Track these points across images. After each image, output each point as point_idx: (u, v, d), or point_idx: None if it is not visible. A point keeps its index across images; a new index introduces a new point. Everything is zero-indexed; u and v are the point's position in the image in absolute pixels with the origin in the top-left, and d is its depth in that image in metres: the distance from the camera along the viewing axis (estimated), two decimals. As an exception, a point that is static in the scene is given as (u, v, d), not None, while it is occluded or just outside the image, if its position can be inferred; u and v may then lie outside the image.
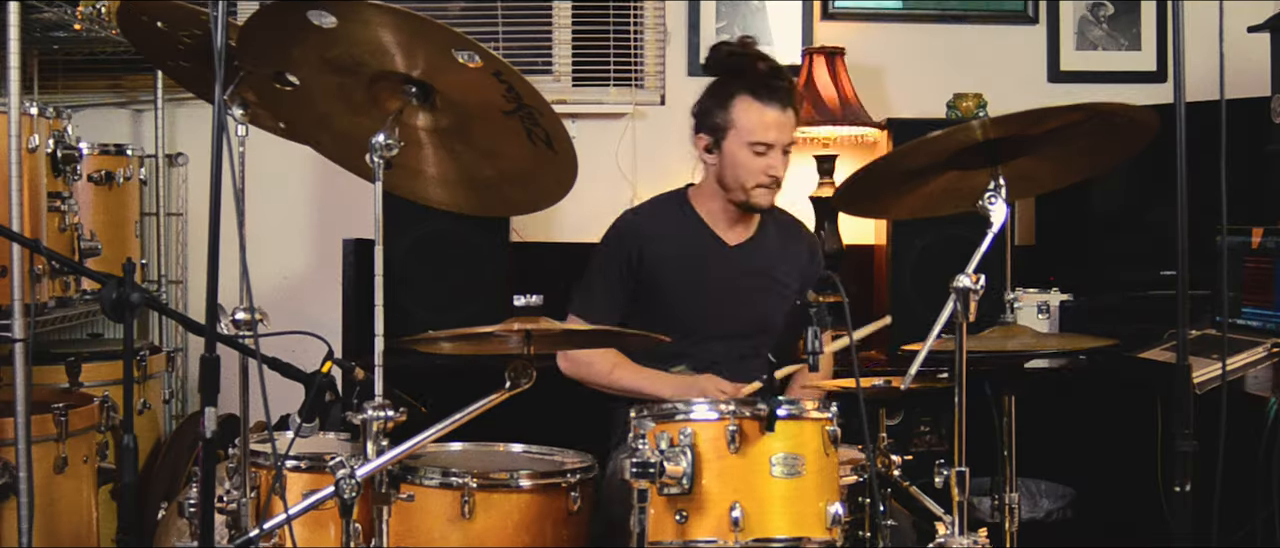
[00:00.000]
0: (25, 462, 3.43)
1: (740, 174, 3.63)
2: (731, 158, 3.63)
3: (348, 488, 2.55)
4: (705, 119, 3.69)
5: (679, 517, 2.69)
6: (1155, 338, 4.06)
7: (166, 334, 5.13)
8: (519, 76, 2.54)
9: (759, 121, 3.58)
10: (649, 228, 3.74)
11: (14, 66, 3.51)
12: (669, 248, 3.71)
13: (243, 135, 2.83)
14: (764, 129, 3.58)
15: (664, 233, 3.73)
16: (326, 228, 5.15)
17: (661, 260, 3.69)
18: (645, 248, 3.69)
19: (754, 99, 3.59)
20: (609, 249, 3.74)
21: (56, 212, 3.85)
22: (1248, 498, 3.43)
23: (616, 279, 3.69)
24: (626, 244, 3.71)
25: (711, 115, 3.66)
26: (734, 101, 3.61)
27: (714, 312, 3.69)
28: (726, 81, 3.66)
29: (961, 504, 2.78)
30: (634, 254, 3.68)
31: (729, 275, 3.73)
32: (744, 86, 3.61)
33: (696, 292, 3.69)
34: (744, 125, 3.60)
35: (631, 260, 3.68)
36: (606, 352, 3.65)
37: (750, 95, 3.60)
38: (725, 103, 3.63)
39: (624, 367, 3.64)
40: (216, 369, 2.31)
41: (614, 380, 3.64)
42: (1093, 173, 3.24)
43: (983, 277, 2.71)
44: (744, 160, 3.61)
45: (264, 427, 2.97)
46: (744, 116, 3.60)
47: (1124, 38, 5.35)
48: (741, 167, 3.62)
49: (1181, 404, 2.65)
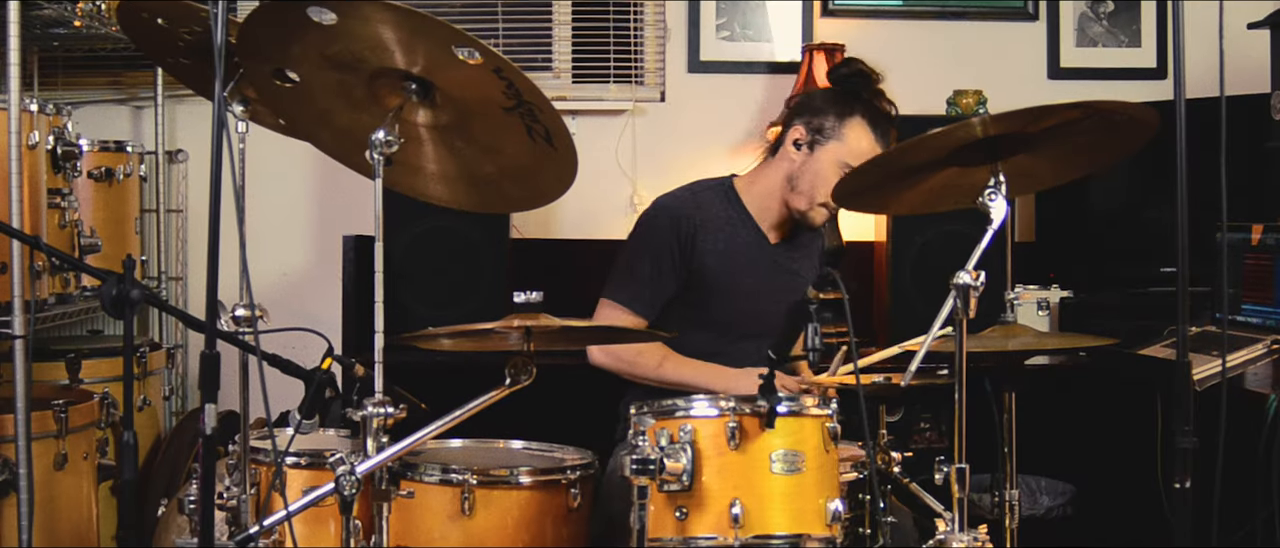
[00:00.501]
0: (25, 458, 3.43)
1: (818, 186, 3.57)
2: (820, 167, 3.57)
3: (348, 485, 2.55)
4: (814, 116, 3.61)
5: (679, 514, 2.69)
6: (1155, 335, 4.06)
7: (166, 331, 5.13)
8: (519, 73, 2.54)
9: (863, 150, 3.53)
10: (702, 216, 3.63)
11: (14, 63, 3.51)
12: (719, 240, 3.62)
13: (243, 132, 2.83)
14: (862, 157, 3.46)
15: (716, 223, 3.64)
16: (326, 224, 5.16)
17: (710, 252, 3.60)
18: (698, 236, 3.59)
19: (871, 128, 3.57)
20: (659, 235, 3.61)
21: (56, 208, 3.85)
22: (1248, 495, 3.43)
23: (669, 268, 3.57)
24: (682, 230, 3.59)
25: (823, 115, 3.60)
26: (853, 118, 3.58)
27: (753, 310, 3.62)
28: (851, 97, 3.61)
29: (962, 501, 2.77)
30: (687, 242, 3.58)
31: (769, 274, 3.68)
32: (866, 112, 3.59)
33: (739, 288, 3.63)
34: (851, 145, 3.56)
35: (685, 248, 3.58)
36: (653, 347, 3.57)
37: (869, 123, 3.58)
38: (843, 115, 3.58)
39: (673, 359, 3.56)
40: (216, 366, 2.30)
41: (662, 374, 3.56)
42: (1092, 170, 3.24)
43: (983, 273, 2.71)
44: (830, 176, 3.50)
45: (264, 423, 2.98)
46: (855, 138, 3.56)
47: (1124, 34, 5.35)
48: (825, 181, 3.53)
49: (1181, 401, 2.65)
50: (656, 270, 3.58)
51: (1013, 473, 3.20)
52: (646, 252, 3.61)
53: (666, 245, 3.59)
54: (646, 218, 3.67)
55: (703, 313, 3.59)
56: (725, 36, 5.26)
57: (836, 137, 3.58)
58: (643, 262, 3.60)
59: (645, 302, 3.57)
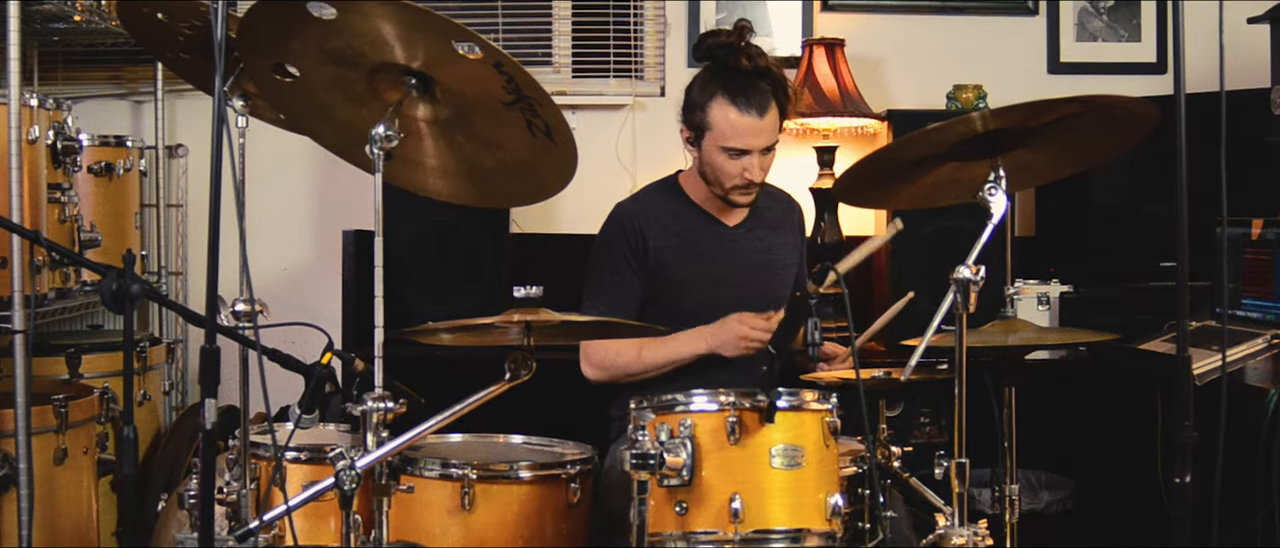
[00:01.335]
0: (25, 453, 3.44)
1: (718, 174, 3.60)
2: (709, 157, 3.60)
3: (348, 479, 2.55)
4: (688, 113, 3.64)
5: (679, 508, 2.69)
6: (1155, 330, 4.06)
7: (166, 326, 5.13)
8: (519, 68, 2.54)
9: (733, 128, 3.52)
10: (647, 216, 3.68)
11: (14, 58, 3.51)
12: (670, 235, 3.67)
13: (242, 127, 2.83)
14: (737, 135, 3.52)
15: (663, 220, 3.69)
16: (326, 219, 5.16)
17: (664, 248, 3.65)
18: (647, 235, 3.64)
19: (731, 104, 3.52)
20: (612, 243, 3.67)
21: (56, 203, 3.85)
22: (1248, 490, 3.43)
23: (628, 271, 3.63)
24: (629, 234, 3.65)
25: (693, 110, 3.61)
26: (712, 102, 3.55)
27: (721, 295, 3.64)
28: (711, 77, 3.59)
29: (961, 496, 2.78)
30: (638, 243, 3.63)
31: (731, 257, 3.71)
32: (722, 88, 3.54)
33: (702, 276, 3.67)
34: (719, 129, 3.54)
35: (638, 250, 3.63)
36: (626, 342, 3.61)
37: (727, 99, 3.52)
38: (704, 102, 3.57)
39: (650, 346, 3.59)
40: (216, 361, 2.30)
41: (646, 362, 3.58)
42: (1092, 165, 3.24)
43: (983, 268, 2.71)
44: (720, 163, 3.57)
45: (264, 418, 2.98)
46: (720, 120, 3.54)
47: (1124, 29, 5.34)
48: (718, 168, 3.59)
49: (1182, 396, 2.65)
50: (617, 277, 3.64)
51: (1012, 468, 3.20)
52: (604, 262, 3.68)
53: (620, 251, 3.65)
54: (605, 225, 3.74)
55: (673, 306, 3.62)
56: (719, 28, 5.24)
57: (706, 125, 3.57)
58: (603, 272, 3.67)
59: (621, 304, 3.61)
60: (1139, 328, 4.07)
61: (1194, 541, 2.68)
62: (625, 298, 3.62)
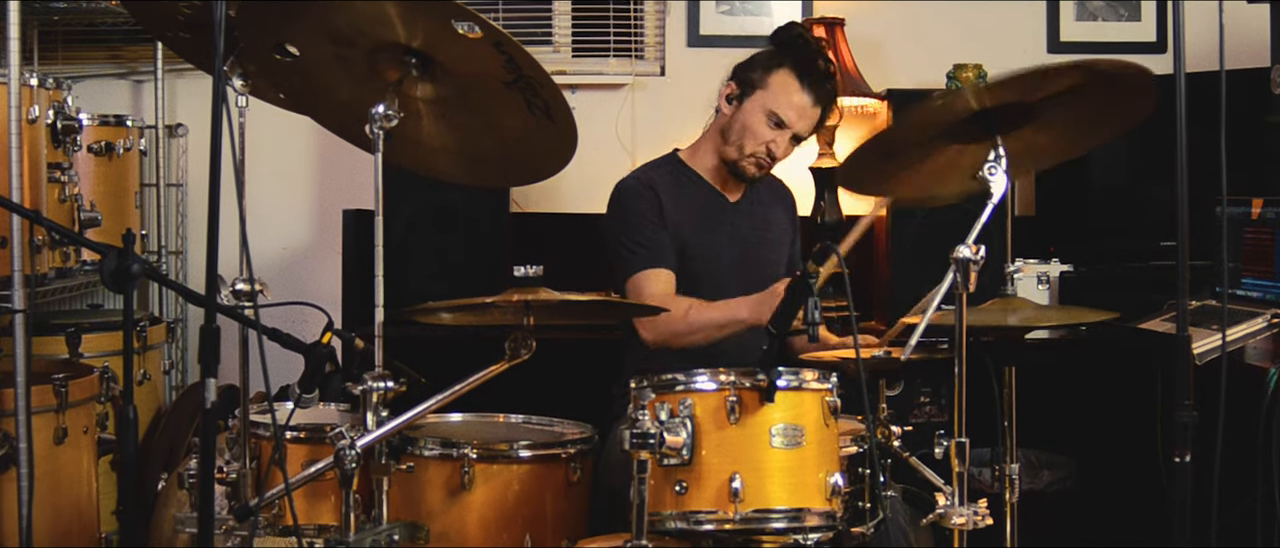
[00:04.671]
0: (25, 433, 3.44)
1: (746, 136, 3.67)
2: (746, 117, 3.67)
3: (348, 459, 2.56)
4: (744, 71, 3.72)
5: (678, 488, 2.69)
6: (1155, 309, 4.06)
7: (166, 305, 5.13)
8: (519, 47, 2.54)
9: (788, 98, 3.64)
10: (658, 185, 3.72)
11: (14, 37, 3.50)
12: (681, 205, 3.71)
13: (242, 106, 2.82)
14: (789, 107, 3.64)
15: (671, 191, 3.73)
16: (326, 199, 5.16)
17: (680, 220, 3.69)
18: (662, 201, 3.68)
19: (796, 79, 3.64)
20: (634, 205, 3.69)
21: (56, 183, 3.85)
22: (1247, 469, 3.43)
23: (659, 224, 3.65)
24: (647, 197, 3.69)
25: (751, 69, 3.70)
26: (779, 69, 3.66)
27: (730, 266, 3.71)
28: (784, 53, 3.69)
29: (961, 475, 2.78)
30: (657, 204, 3.67)
31: (738, 230, 3.78)
32: (794, 64, 3.65)
33: (713, 247, 3.72)
34: (774, 93, 3.65)
35: (660, 210, 3.67)
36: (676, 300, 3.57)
37: (795, 74, 3.65)
38: (769, 67, 3.67)
39: (696, 305, 3.55)
40: (216, 340, 2.30)
41: (692, 321, 3.51)
42: (1093, 145, 3.23)
43: (983, 247, 2.71)
44: (755, 126, 3.66)
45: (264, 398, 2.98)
46: (779, 86, 3.65)
47: (1124, 8, 5.33)
48: (750, 130, 3.66)
49: (1181, 375, 2.65)
50: (653, 231, 3.65)
51: (1012, 447, 3.20)
52: (635, 218, 3.67)
53: (646, 209, 3.68)
54: (616, 196, 3.75)
55: (686, 276, 3.64)
56: (725, 10, 5.25)
57: (762, 85, 3.67)
58: (638, 227, 3.66)
59: (664, 256, 3.63)
60: (1139, 307, 4.07)
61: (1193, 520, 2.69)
62: (666, 250, 3.65)
